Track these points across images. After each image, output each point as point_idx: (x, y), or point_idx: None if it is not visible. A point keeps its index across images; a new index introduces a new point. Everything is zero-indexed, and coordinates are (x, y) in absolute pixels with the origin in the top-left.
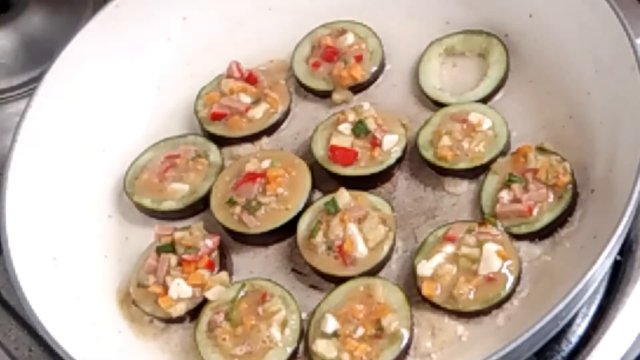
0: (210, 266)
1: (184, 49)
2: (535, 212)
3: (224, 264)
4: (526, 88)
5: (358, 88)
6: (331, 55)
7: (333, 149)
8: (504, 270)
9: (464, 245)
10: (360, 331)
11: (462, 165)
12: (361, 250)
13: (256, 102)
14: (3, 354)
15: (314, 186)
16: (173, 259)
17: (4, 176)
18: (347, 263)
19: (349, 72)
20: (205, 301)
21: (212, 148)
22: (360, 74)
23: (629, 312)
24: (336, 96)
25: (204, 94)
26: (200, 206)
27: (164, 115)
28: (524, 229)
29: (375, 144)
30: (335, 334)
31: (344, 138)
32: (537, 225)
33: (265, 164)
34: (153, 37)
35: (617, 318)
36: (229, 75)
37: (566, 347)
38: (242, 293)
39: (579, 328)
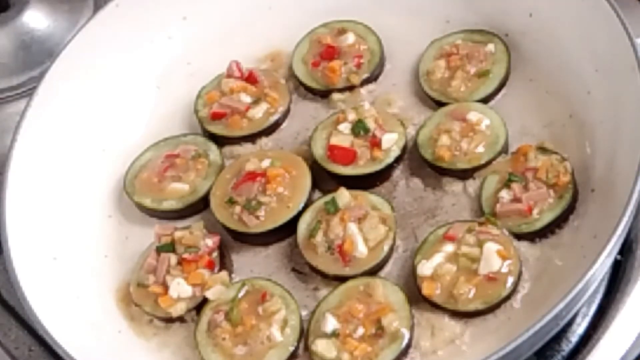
0: (210, 266)
1: (184, 48)
2: (535, 211)
3: (224, 263)
4: (526, 87)
5: (357, 87)
6: (331, 54)
7: (332, 149)
8: (504, 270)
9: (464, 244)
10: (360, 331)
11: (461, 165)
12: (361, 249)
13: (256, 101)
14: (3, 354)
15: (314, 186)
16: (173, 259)
17: (4, 176)
18: (347, 263)
19: (337, 72)
20: (205, 301)
21: (212, 147)
22: (355, 78)
23: (629, 311)
24: (336, 96)
25: (204, 94)
26: (200, 206)
27: (164, 115)
28: (524, 229)
29: (375, 143)
30: (335, 334)
31: (343, 137)
32: (537, 225)
33: (265, 163)
34: (153, 37)
35: (617, 318)
36: (229, 75)
37: (566, 347)
38: (242, 292)
39: (579, 327)
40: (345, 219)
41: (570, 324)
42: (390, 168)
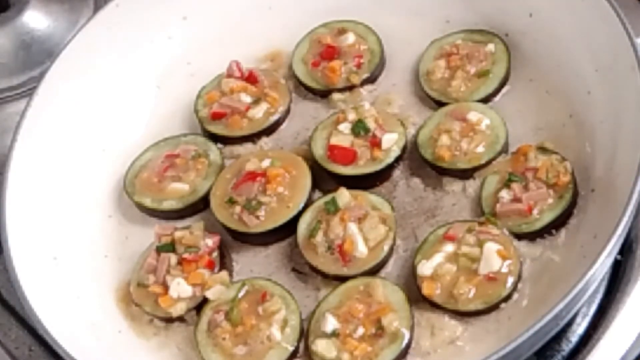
0: (210, 265)
1: (184, 48)
2: (535, 211)
3: (224, 263)
4: (526, 87)
5: (357, 87)
6: (331, 54)
7: (332, 149)
8: (504, 270)
9: (464, 244)
10: (360, 331)
11: (461, 165)
12: (361, 249)
13: (256, 101)
14: (3, 354)
15: (314, 186)
16: (173, 259)
17: (4, 176)
18: (347, 263)
19: (337, 72)
20: (205, 301)
21: (212, 147)
22: (355, 78)
23: (629, 311)
24: (336, 96)
25: (204, 94)
26: (200, 205)
27: (164, 115)
28: (524, 229)
29: (375, 143)
30: (335, 334)
31: (343, 137)
32: (538, 225)
33: (266, 163)
34: (153, 37)
35: (617, 318)
36: (229, 75)
37: (566, 347)
38: (242, 292)
39: (579, 327)
40: (345, 219)
41: (570, 324)
42: (390, 168)
